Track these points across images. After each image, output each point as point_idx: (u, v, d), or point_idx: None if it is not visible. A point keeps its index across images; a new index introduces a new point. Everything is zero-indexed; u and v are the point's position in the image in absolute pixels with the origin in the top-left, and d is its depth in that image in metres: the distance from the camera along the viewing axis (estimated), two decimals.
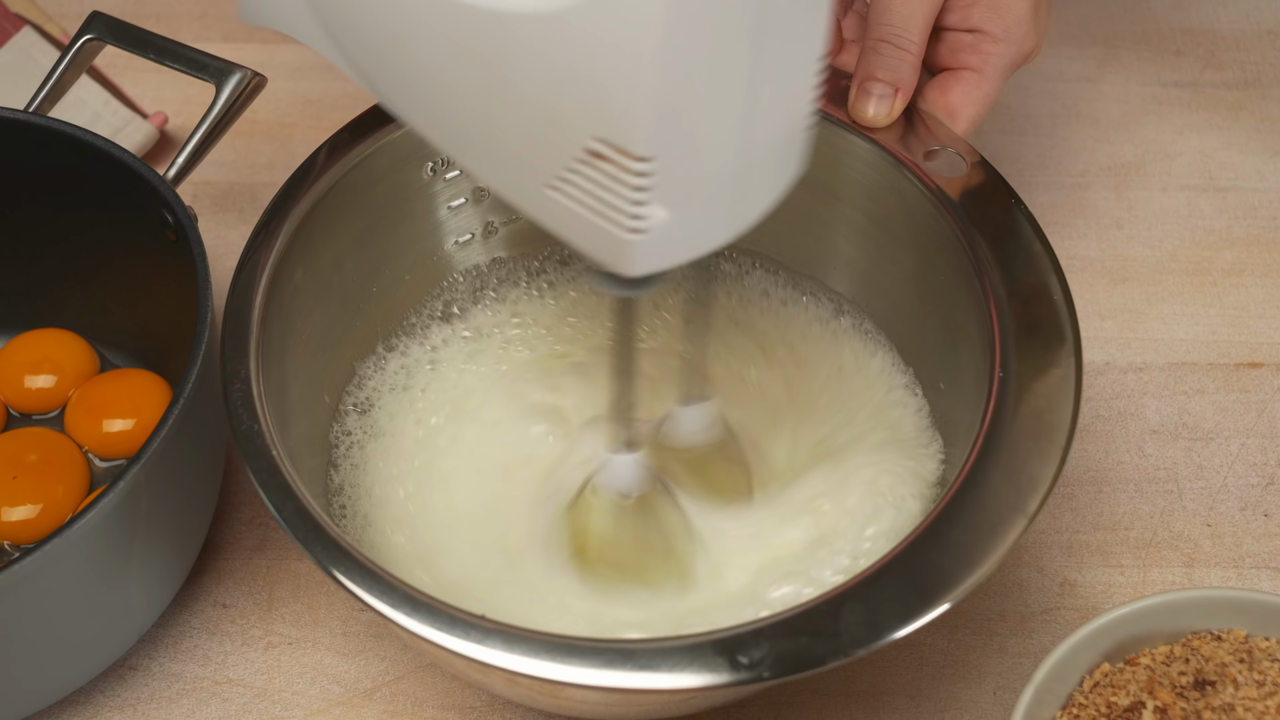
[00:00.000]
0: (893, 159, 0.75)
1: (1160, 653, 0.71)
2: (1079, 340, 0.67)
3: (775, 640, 0.58)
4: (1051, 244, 0.71)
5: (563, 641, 0.59)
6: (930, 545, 0.61)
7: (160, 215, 0.76)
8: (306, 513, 0.63)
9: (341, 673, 0.76)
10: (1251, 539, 0.80)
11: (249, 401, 0.67)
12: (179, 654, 0.77)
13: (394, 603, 0.60)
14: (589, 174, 0.53)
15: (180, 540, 0.75)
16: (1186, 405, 0.86)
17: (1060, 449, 0.64)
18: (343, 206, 0.76)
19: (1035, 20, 0.78)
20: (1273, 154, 0.98)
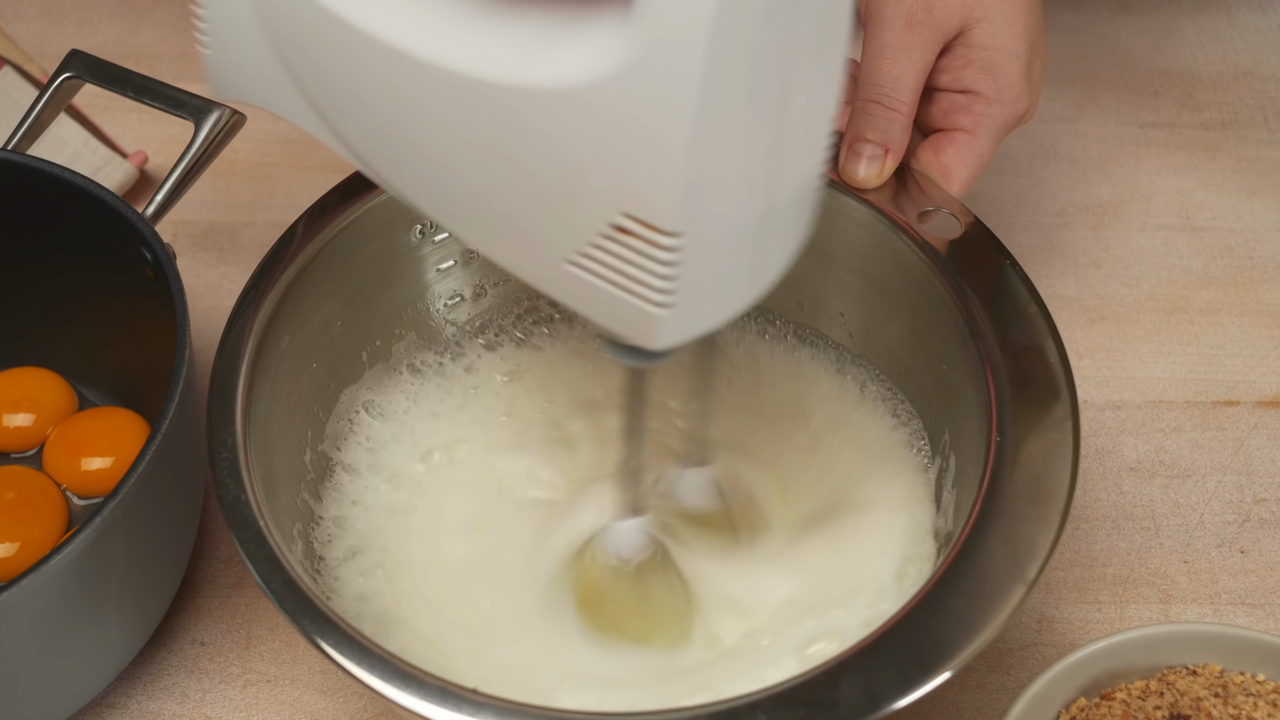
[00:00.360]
0: (886, 220, 0.75)
1: (1136, 688, 0.71)
2: (1075, 403, 0.67)
3: (773, 712, 0.58)
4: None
5: (558, 715, 0.59)
6: (928, 614, 0.61)
7: (139, 253, 0.76)
8: (295, 585, 0.63)
9: (320, 710, 0.76)
10: (1228, 575, 0.81)
11: (235, 471, 0.66)
12: (156, 692, 0.77)
13: (385, 676, 0.60)
14: (613, 249, 0.52)
15: (157, 578, 0.75)
16: (1163, 443, 0.86)
17: (1059, 514, 0.63)
18: (330, 270, 0.76)
19: (1028, 81, 0.78)
20: (1249, 194, 0.98)
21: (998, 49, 0.77)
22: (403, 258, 0.79)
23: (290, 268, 0.73)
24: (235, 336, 0.71)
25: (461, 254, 0.81)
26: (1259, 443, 0.86)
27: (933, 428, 0.76)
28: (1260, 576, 0.81)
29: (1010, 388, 0.67)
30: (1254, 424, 0.87)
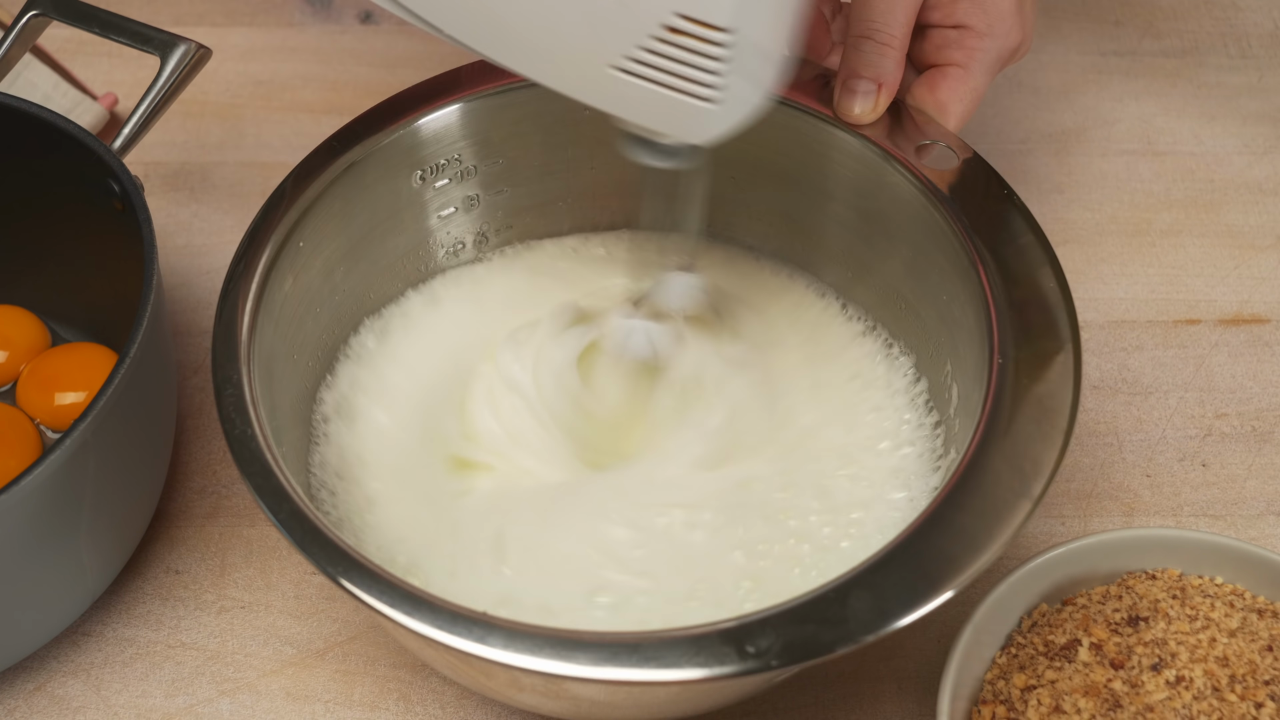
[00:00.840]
0: (883, 154, 0.75)
1: (1097, 592, 0.72)
2: (1076, 326, 0.67)
3: (782, 628, 0.58)
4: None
5: (566, 636, 0.58)
6: (935, 531, 0.61)
7: (107, 186, 0.76)
8: (303, 515, 0.63)
9: (294, 634, 0.77)
10: (1189, 488, 0.82)
11: (241, 407, 0.66)
12: (132, 619, 0.78)
13: (394, 603, 0.59)
14: (664, 50, 0.54)
15: (130, 505, 0.75)
16: (1126, 361, 0.87)
17: (1063, 432, 0.64)
18: (331, 214, 0.76)
19: (1020, 14, 0.78)
20: (1209, 119, 0.99)
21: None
22: (404, 204, 0.80)
23: (292, 210, 0.74)
24: (240, 277, 0.71)
25: (463, 200, 0.82)
26: (1220, 360, 0.87)
27: (934, 357, 0.76)
28: (1221, 489, 0.82)
29: (1010, 312, 0.68)
30: (1215, 341, 0.88)
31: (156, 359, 0.74)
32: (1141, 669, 0.68)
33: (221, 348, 0.68)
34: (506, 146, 0.81)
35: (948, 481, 0.63)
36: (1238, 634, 0.69)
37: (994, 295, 0.69)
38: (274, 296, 0.72)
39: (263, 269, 0.72)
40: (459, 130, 0.79)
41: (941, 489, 0.63)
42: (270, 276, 0.72)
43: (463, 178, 0.81)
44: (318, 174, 0.75)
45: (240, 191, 0.95)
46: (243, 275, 0.71)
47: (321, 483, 0.74)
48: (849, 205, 0.79)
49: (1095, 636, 0.70)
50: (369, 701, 0.75)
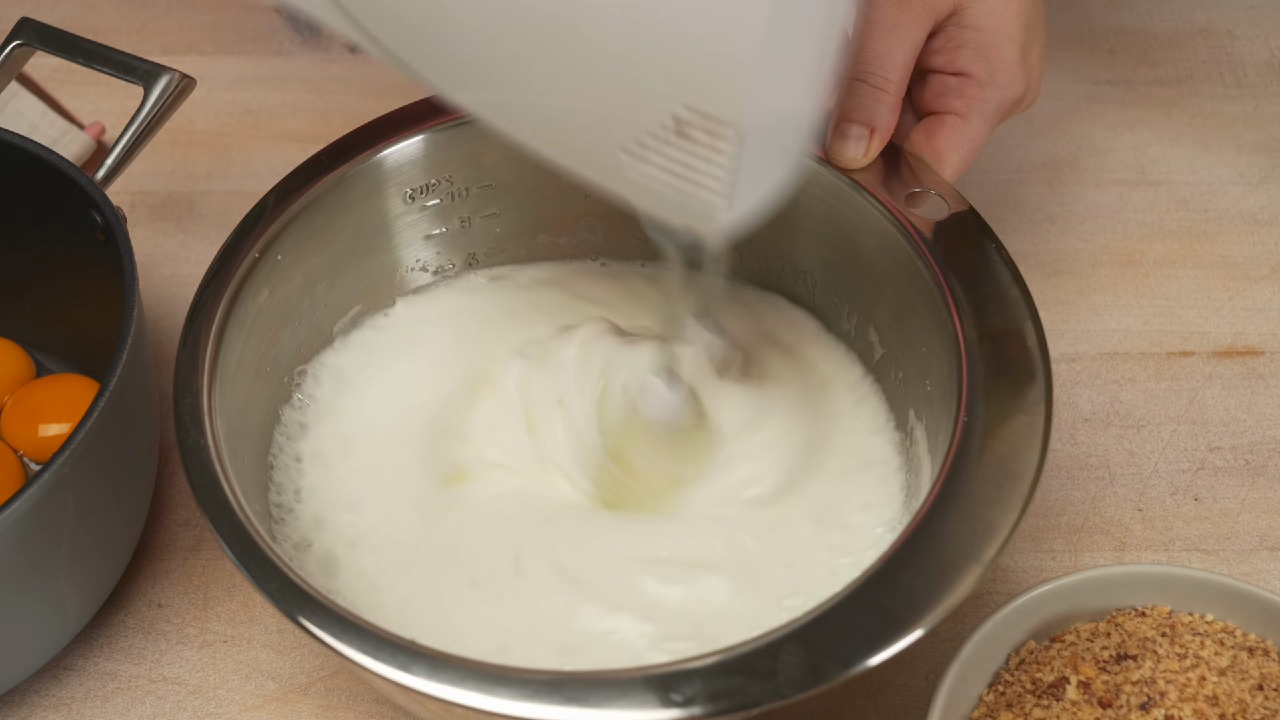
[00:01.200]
0: (874, 200, 0.74)
1: (1085, 629, 0.71)
2: (1050, 387, 0.66)
3: (709, 679, 0.57)
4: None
5: (491, 670, 0.58)
6: (879, 589, 0.59)
7: (90, 217, 0.76)
8: (243, 529, 0.62)
9: (276, 669, 0.76)
10: (1182, 523, 0.81)
11: (197, 416, 0.66)
12: (114, 653, 0.77)
13: (321, 623, 0.59)
14: (673, 141, 0.53)
15: (112, 539, 0.75)
16: (1118, 394, 0.86)
17: (1023, 497, 0.62)
18: (315, 229, 0.75)
19: (1024, 64, 0.77)
20: (1204, 148, 0.99)
21: (991, 30, 0.76)
22: (391, 222, 0.79)
23: (274, 223, 0.73)
24: (212, 288, 0.71)
25: (455, 220, 0.81)
26: (1213, 392, 0.86)
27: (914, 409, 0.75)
28: (1214, 523, 0.81)
29: (984, 369, 0.66)
30: (1208, 374, 0.87)
31: (138, 390, 0.73)
32: (1130, 708, 0.67)
33: (185, 356, 0.68)
34: (500, 169, 0.80)
35: (897, 538, 0.61)
36: (1228, 672, 0.68)
37: (967, 349, 0.67)
38: (247, 308, 0.72)
39: (237, 280, 0.71)
40: (451, 150, 0.78)
41: (890, 546, 0.61)
42: (244, 288, 0.71)
43: (454, 198, 0.80)
44: (303, 188, 0.75)
45: (227, 221, 0.93)
46: (216, 285, 0.71)
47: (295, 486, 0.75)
48: (838, 249, 0.78)
49: (1083, 674, 0.69)
50: None
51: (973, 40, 0.76)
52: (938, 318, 0.70)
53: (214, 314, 0.70)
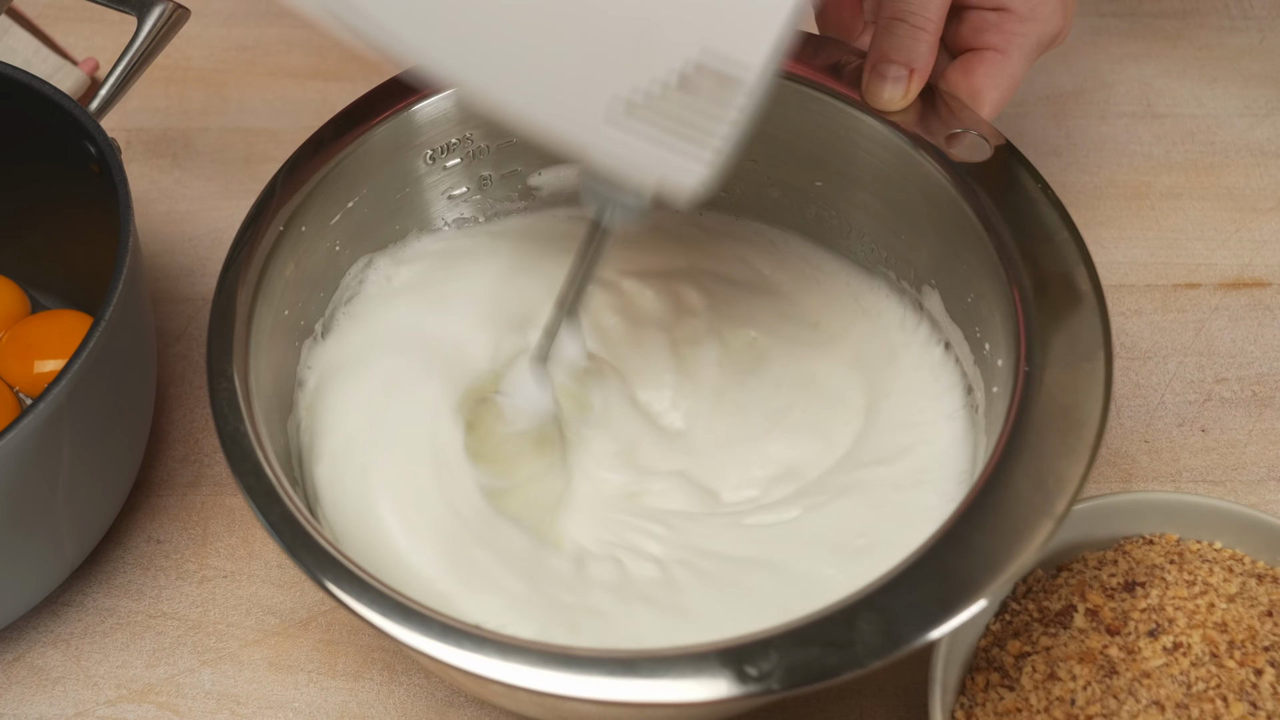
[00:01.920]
0: (912, 143, 0.71)
1: (1093, 558, 0.71)
2: (1109, 332, 0.63)
3: (785, 650, 0.55)
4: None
5: (562, 652, 0.56)
6: (951, 549, 0.58)
7: (84, 149, 0.75)
8: (293, 518, 0.61)
9: (277, 604, 0.76)
10: (1188, 454, 0.80)
11: (234, 402, 0.64)
12: (113, 589, 0.76)
13: (387, 612, 0.58)
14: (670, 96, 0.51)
15: (109, 474, 0.74)
16: (1124, 326, 0.86)
17: (1090, 447, 0.60)
18: (337, 196, 0.74)
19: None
20: (1210, 80, 0.98)
21: None
22: (411, 184, 0.77)
23: (295, 194, 0.71)
24: (236, 266, 0.68)
25: (476, 180, 0.79)
26: (1220, 324, 0.86)
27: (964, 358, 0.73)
28: (1221, 454, 0.80)
29: (1040, 316, 0.64)
30: (1215, 305, 0.86)
31: (135, 323, 0.72)
32: (1138, 635, 0.67)
33: (217, 339, 0.66)
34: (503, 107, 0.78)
35: (966, 497, 0.60)
36: (1236, 599, 0.68)
37: (1022, 297, 0.65)
38: (274, 283, 0.70)
39: (262, 255, 0.69)
40: (467, 109, 0.76)
41: (960, 505, 0.60)
42: (270, 262, 0.69)
43: (474, 157, 0.78)
44: (322, 154, 0.72)
45: (223, 158, 0.94)
46: (242, 261, 0.68)
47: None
48: (876, 194, 0.75)
49: (1091, 602, 0.68)
50: (352, 671, 0.73)
51: None
52: (988, 264, 0.68)
53: (241, 291, 0.68)
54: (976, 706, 0.67)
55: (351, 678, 0.73)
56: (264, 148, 0.94)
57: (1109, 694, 0.65)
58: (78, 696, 0.73)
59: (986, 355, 0.69)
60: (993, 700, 0.67)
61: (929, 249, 0.74)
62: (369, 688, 0.73)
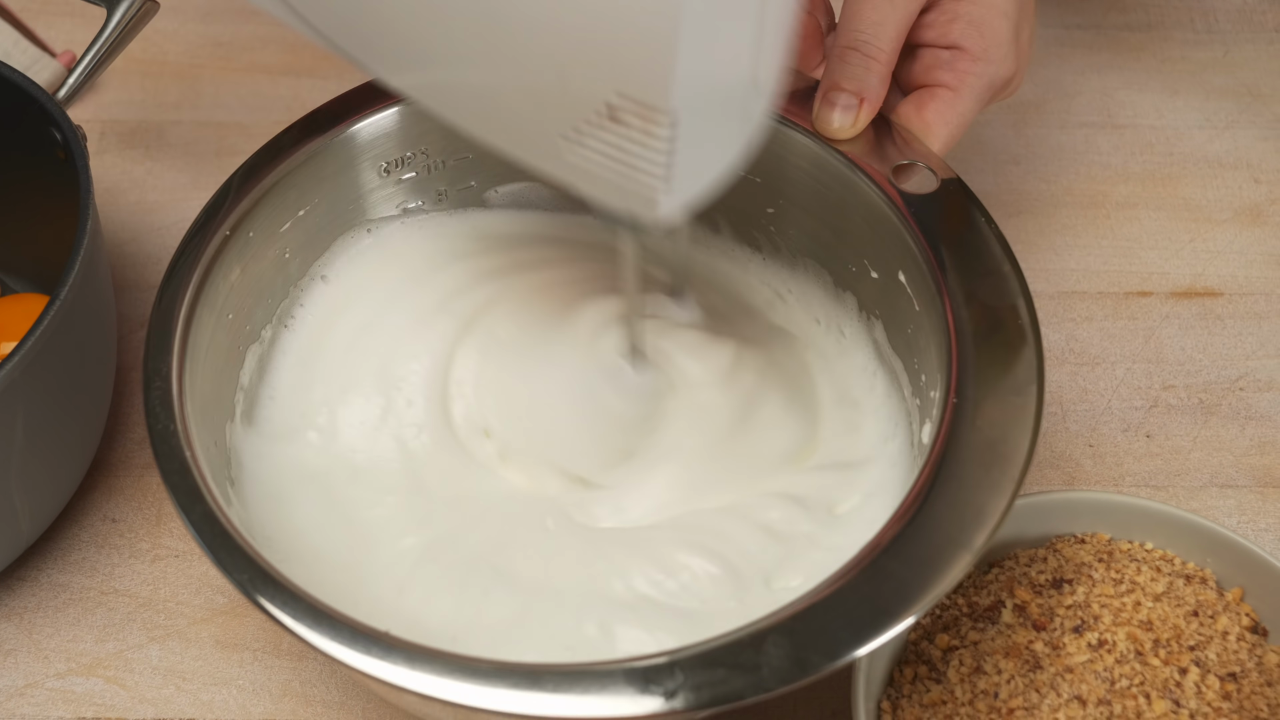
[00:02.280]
0: (860, 172, 0.72)
1: (1024, 555, 0.72)
2: (1042, 368, 0.64)
3: (691, 671, 0.55)
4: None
5: (468, 663, 0.57)
6: (866, 578, 0.58)
7: (50, 135, 0.77)
8: (214, 517, 0.61)
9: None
10: (1132, 459, 0.81)
11: (167, 401, 0.65)
12: (67, 565, 0.78)
13: (294, 614, 0.58)
14: (609, 128, 0.52)
15: (65, 453, 0.76)
16: (1075, 332, 0.87)
17: (1014, 481, 0.60)
18: (288, 205, 0.74)
19: (1015, 43, 0.75)
20: (1172, 93, 0.99)
21: (986, 5, 0.75)
22: (366, 195, 0.78)
23: (244, 199, 0.72)
24: (182, 268, 0.69)
25: (430, 194, 0.80)
26: (1170, 332, 0.87)
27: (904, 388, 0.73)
28: (1165, 460, 0.81)
29: (974, 349, 0.65)
30: (1166, 314, 0.88)
31: (94, 305, 0.74)
32: (1064, 630, 0.68)
33: (156, 338, 0.67)
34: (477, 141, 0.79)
35: (885, 525, 0.60)
36: (1163, 598, 0.69)
37: (957, 329, 0.66)
38: (218, 287, 0.70)
39: (206, 259, 0.70)
40: (426, 123, 0.77)
41: (878, 533, 0.60)
42: (214, 267, 0.70)
43: (429, 171, 0.79)
44: (274, 162, 0.73)
45: (195, 150, 0.95)
46: (185, 265, 0.69)
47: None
48: (823, 222, 0.76)
49: (1019, 598, 0.69)
50: (297, 651, 0.75)
51: (967, 14, 0.74)
52: (926, 294, 0.69)
53: (184, 294, 0.68)
54: (903, 698, 0.68)
55: (295, 657, 0.75)
56: (235, 141, 0.95)
57: (1032, 688, 0.66)
58: (29, 669, 0.74)
59: (923, 386, 0.70)
60: (919, 693, 0.68)
61: (874, 278, 0.74)
62: (312, 668, 0.74)
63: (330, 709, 0.73)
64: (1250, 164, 0.95)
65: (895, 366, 0.73)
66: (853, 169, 0.72)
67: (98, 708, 0.73)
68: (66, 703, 0.73)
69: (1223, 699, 0.66)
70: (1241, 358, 0.86)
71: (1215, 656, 0.67)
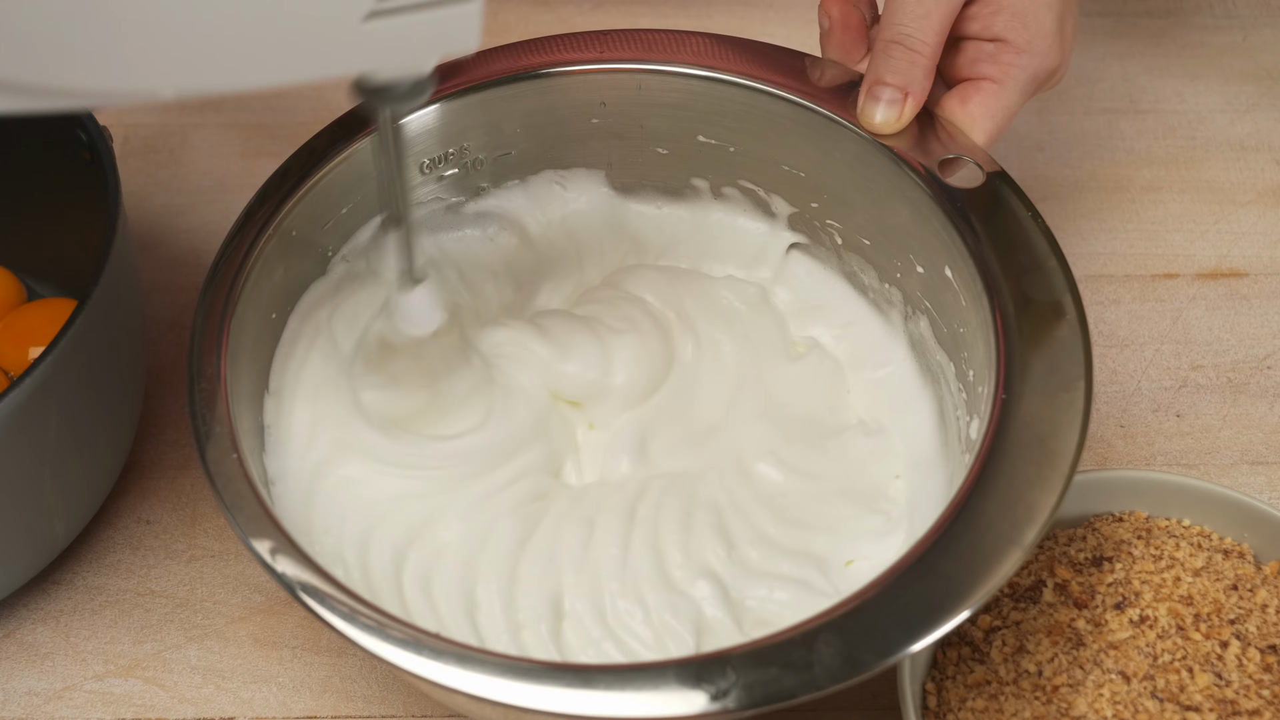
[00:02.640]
0: (906, 166, 0.72)
1: (1063, 535, 0.72)
2: (1090, 362, 0.64)
3: (744, 670, 0.56)
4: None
5: (520, 664, 0.57)
6: (917, 576, 0.58)
7: (76, 137, 0.77)
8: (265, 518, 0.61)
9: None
10: (1163, 439, 0.81)
11: (213, 402, 0.65)
12: (102, 568, 0.78)
13: (353, 621, 0.58)
14: None
15: (98, 454, 0.76)
16: (1103, 314, 0.87)
17: (1063, 477, 0.60)
18: (330, 202, 0.74)
19: (1060, 35, 0.74)
20: (1193, 77, 0.99)
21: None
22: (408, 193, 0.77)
23: (287, 198, 0.72)
24: (225, 265, 0.69)
25: (472, 191, 0.80)
26: (1197, 313, 0.87)
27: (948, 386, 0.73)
28: (1195, 439, 0.81)
29: (1022, 344, 0.65)
30: (1193, 295, 0.88)
31: (124, 303, 0.74)
32: (1105, 608, 0.68)
33: (200, 340, 0.67)
34: (518, 138, 0.78)
35: (936, 523, 0.60)
36: (1202, 573, 0.69)
37: (1004, 324, 0.66)
38: (262, 286, 0.70)
39: (251, 256, 0.70)
40: (468, 120, 0.77)
41: (929, 531, 0.60)
42: (258, 264, 0.70)
43: (470, 168, 0.79)
44: (317, 161, 0.73)
45: (220, 153, 0.95)
46: (228, 262, 0.69)
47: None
48: (869, 217, 0.76)
49: (1059, 577, 0.69)
50: (336, 648, 0.75)
51: (1011, 6, 0.73)
52: (973, 291, 0.69)
53: (225, 293, 0.68)
54: (947, 680, 0.68)
55: (335, 654, 0.75)
56: (260, 143, 0.95)
57: (1075, 665, 0.66)
58: (66, 671, 0.74)
59: (970, 382, 0.70)
60: (963, 674, 0.68)
61: (919, 273, 0.74)
62: (352, 664, 0.74)
63: (371, 704, 0.73)
64: (1272, 146, 0.95)
65: (941, 361, 0.73)
66: (898, 163, 0.72)
67: (137, 708, 0.73)
68: (105, 704, 0.73)
69: (1264, 671, 0.66)
70: (1268, 336, 0.86)
71: (1255, 629, 0.67)
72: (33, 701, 0.73)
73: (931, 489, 0.71)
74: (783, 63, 0.76)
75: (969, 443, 0.68)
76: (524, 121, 0.78)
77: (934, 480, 0.71)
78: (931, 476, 0.72)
